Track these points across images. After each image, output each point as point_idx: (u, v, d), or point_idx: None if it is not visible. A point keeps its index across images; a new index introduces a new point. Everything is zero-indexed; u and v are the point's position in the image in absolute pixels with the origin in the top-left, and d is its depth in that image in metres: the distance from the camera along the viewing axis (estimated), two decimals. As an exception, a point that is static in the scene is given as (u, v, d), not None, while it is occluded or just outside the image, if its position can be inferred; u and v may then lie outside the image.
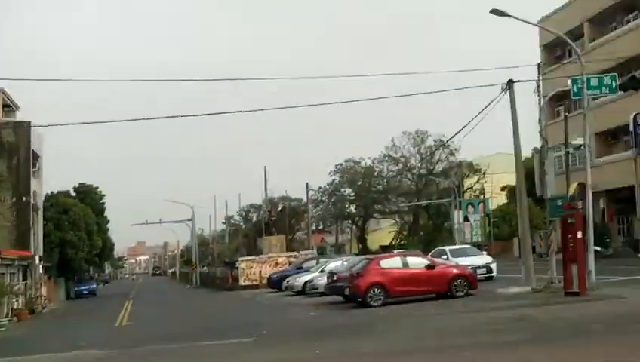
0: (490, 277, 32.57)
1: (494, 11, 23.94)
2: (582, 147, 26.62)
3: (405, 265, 25.94)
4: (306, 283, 37.02)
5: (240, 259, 57.49)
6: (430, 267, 25.82)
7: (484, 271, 32.31)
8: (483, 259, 34.75)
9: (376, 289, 24.75)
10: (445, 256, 33.84)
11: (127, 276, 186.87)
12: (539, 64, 51.79)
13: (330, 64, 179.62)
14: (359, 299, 25.24)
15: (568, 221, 22.23)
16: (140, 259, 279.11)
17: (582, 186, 26.36)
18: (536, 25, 29.87)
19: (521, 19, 24.88)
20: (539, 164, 27.02)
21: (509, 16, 24.06)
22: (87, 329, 28.10)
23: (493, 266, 33.67)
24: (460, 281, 25.39)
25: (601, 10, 48.29)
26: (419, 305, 24.05)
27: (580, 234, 21.44)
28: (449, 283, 25.25)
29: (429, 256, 32.66)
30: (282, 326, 22.01)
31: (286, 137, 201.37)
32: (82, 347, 19.99)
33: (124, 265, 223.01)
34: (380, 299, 24.63)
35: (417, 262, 26.47)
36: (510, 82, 26.65)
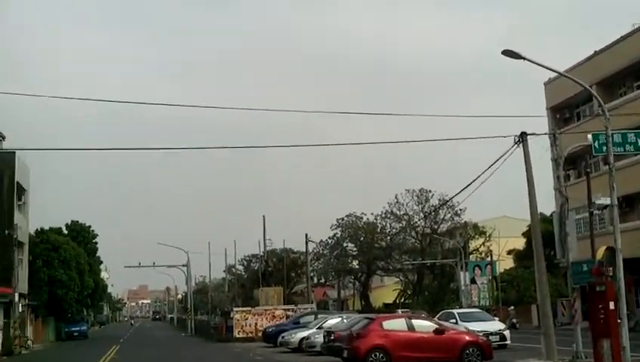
0: (504, 346, 29.94)
1: (507, 52, 21.63)
2: (607, 207, 24.29)
3: (411, 327, 23.42)
4: (302, 339, 34.77)
5: (235, 309, 54.97)
6: (439, 332, 23.26)
7: (497, 338, 29.69)
8: (495, 324, 32.14)
9: (377, 354, 22.18)
10: (454, 320, 31.27)
11: (125, 319, 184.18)
12: (556, 116, 50.24)
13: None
14: (359, 363, 22.69)
15: (597, 289, 19.74)
16: (141, 303, 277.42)
17: (610, 251, 23.78)
18: (559, 72, 27.32)
19: (539, 64, 22.36)
20: (559, 225, 24.48)
21: (523, 58, 21.57)
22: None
23: (507, 333, 31.06)
24: (473, 350, 22.82)
25: (610, 75, 46.62)
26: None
27: (612, 305, 18.91)
28: (460, 351, 22.68)
29: (435, 318, 30.16)
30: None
31: (286, 187, 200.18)
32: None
33: (124, 307, 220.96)
34: (382, 365, 22.06)
35: (424, 326, 23.93)
36: (523, 134, 24.38)
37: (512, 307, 52.81)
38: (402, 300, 77.11)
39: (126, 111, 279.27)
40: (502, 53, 21.66)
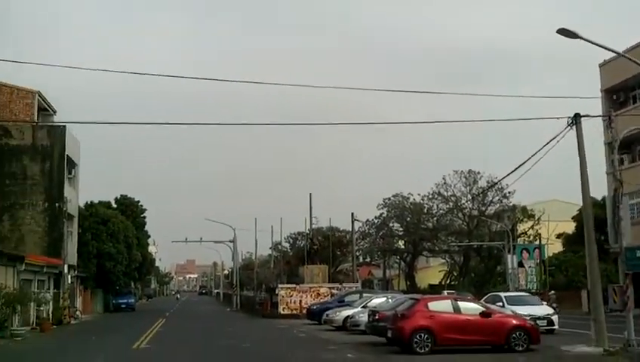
0: (552, 331, 29.39)
1: (562, 31, 21.06)
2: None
3: (457, 309, 23.03)
4: (346, 318, 34.80)
5: (280, 286, 55.16)
6: (485, 314, 22.86)
7: (544, 322, 29.08)
8: (543, 309, 31.45)
9: (422, 335, 21.87)
10: (501, 303, 30.75)
11: (172, 293, 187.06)
12: (612, 98, 48.79)
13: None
14: (403, 344, 22.46)
15: (651, 275, 19.20)
16: (188, 277, 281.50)
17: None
18: (618, 52, 26.06)
19: (596, 43, 21.60)
20: (612, 210, 23.79)
21: (580, 37, 21.00)
22: (98, 351, 25.89)
23: (555, 318, 30.40)
24: (520, 334, 22.36)
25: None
26: (471, 357, 21.25)
27: (666, 293, 18.35)
28: (507, 334, 22.26)
29: (482, 301, 29.77)
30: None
31: (333, 166, 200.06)
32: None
33: (171, 281, 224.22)
34: (426, 346, 21.73)
35: (471, 308, 23.53)
36: (577, 116, 23.76)
37: (553, 291, 52.02)
38: (448, 281, 76.75)
39: (175, 87, 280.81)
40: (557, 32, 21.08)
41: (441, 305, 23.31)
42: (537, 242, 63.83)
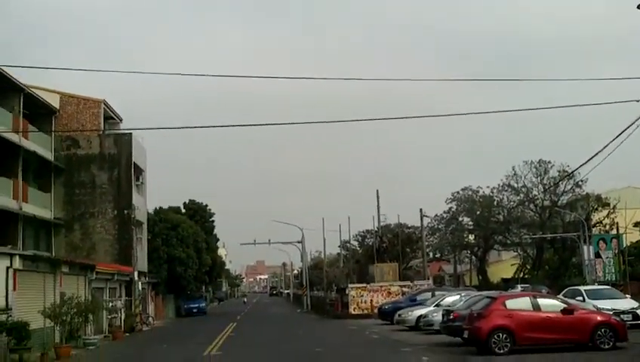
0: (638, 325, 27.50)
1: None
2: None
3: (536, 307, 21.88)
4: (419, 317, 33.88)
5: (350, 285, 54.59)
6: (567, 311, 21.66)
7: (629, 317, 27.51)
8: (627, 302, 29.90)
9: (500, 335, 20.84)
10: (581, 298, 29.45)
11: (241, 295, 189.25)
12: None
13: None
14: (480, 345, 21.51)
15: None
16: (259, 278, 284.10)
17: None
18: None
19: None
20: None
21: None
22: (169, 359, 25.81)
23: (641, 312, 28.85)
24: (605, 330, 21.07)
25: None
26: (554, 357, 20.12)
27: None
28: (591, 332, 20.99)
29: (561, 295, 28.51)
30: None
31: (399, 163, 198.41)
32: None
33: (242, 283, 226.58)
34: (505, 346, 20.68)
35: (551, 305, 22.31)
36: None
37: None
38: (521, 275, 74.83)
39: (246, 88, 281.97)
40: (639, 7, 20.00)
41: (519, 303, 22.21)
42: (614, 231, 61.66)
